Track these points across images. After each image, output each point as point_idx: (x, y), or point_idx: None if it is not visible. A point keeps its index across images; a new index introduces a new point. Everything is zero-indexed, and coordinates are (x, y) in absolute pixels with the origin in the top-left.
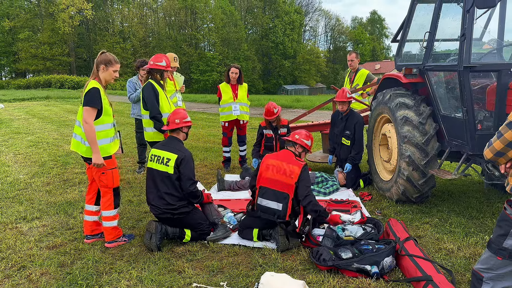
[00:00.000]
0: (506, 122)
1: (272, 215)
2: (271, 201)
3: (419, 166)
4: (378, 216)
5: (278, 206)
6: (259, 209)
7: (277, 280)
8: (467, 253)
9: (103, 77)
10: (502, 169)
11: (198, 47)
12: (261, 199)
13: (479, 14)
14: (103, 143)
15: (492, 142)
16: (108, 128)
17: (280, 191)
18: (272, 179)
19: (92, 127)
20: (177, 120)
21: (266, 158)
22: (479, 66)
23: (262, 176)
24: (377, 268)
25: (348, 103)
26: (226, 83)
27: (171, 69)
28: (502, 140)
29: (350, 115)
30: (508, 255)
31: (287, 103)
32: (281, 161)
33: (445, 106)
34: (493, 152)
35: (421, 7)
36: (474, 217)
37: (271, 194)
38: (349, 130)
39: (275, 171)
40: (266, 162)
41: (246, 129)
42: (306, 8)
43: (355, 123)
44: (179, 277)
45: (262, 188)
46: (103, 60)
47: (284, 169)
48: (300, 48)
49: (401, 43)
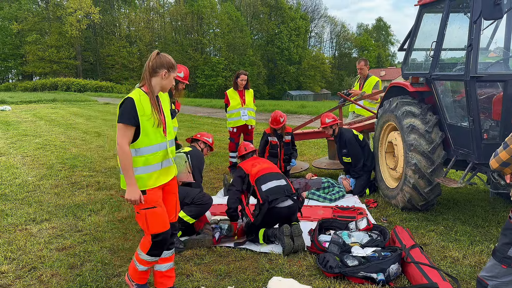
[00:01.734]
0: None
1: (282, 192)
2: (274, 180)
3: (425, 174)
4: (384, 223)
5: (281, 182)
6: (267, 194)
7: (285, 285)
8: (472, 261)
9: (163, 84)
10: (508, 179)
11: (204, 52)
12: (265, 184)
13: (486, 25)
14: (140, 173)
15: (498, 153)
16: (147, 152)
17: (276, 172)
18: (264, 168)
19: (125, 149)
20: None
21: (243, 164)
22: (486, 76)
23: (254, 172)
24: (383, 275)
25: (330, 128)
26: (234, 89)
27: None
28: (508, 151)
29: (341, 134)
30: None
31: (292, 109)
32: (257, 159)
33: (452, 115)
34: (499, 163)
35: (428, 17)
36: (479, 225)
37: (271, 176)
38: (344, 149)
39: (261, 162)
40: (248, 164)
41: (253, 134)
42: (312, 14)
43: (345, 140)
44: (187, 281)
45: (260, 178)
46: (166, 63)
47: (264, 160)
48: (305, 54)
49: (408, 51)
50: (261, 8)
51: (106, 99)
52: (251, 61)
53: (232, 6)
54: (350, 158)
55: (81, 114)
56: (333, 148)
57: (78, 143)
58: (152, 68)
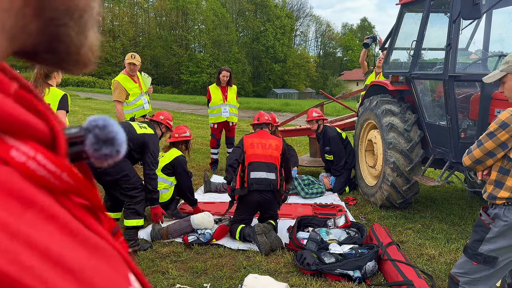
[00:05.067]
0: (487, 131)
1: (267, 185)
2: (264, 172)
3: (403, 172)
4: (363, 221)
5: (271, 175)
6: (253, 182)
7: (261, 282)
8: (448, 259)
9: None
10: (479, 176)
11: (189, 48)
12: (255, 172)
13: (465, 24)
14: None
15: (472, 150)
16: None
17: (271, 163)
18: (261, 154)
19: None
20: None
21: (246, 138)
22: (464, 76)
23: (250, 154)
24: (360, 272)
25: (315, 122)
26: (216, 85)
27: (132, 66)
28: (481, 149)
29: (325, 131)
30: (483, 260)
31: (276, 107)
32: (262, 138)
33: (430, 114)
34: (472, 160)
35: (409, 16)
36: (456, 223)
37: (263, 166)
38: (328, 146)
39: (261, 147)
40: (249, 141)
41: (235, 131)
42: (297, 13)
43: (329, 138)
44: (162, 278)
45: (253, 164)
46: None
47: (269, 144)
48: (291, 53)
49: (389, 51)
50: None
51: (87, 94)
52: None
53: (217, 3)
54: (332, 156)
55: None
56: (315, 145)
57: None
58: None
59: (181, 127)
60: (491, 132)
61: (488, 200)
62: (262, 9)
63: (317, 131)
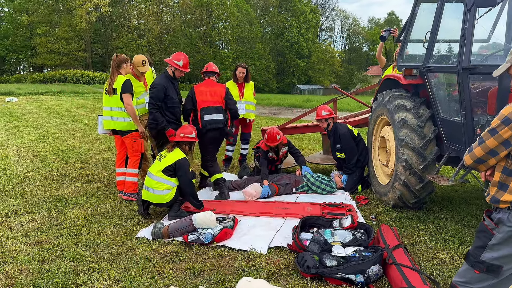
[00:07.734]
0: (489, 128)
1: (219, 124)
2: (214, 114)
3: (416, 170)
4: (373, 221)
5: (220, 116)
6: (207, 123)
7: (254, 286)
8: (460, 263)
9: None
10: (482, 176)
11: (213, 45)
12: (207, 115)
13: (480, 14)
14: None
15: (473, 148)
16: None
17: (219, 105)
18: (210, 100)
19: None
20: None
21: (196, 87)
22: (479, 68)
23: (201, 100)
24: (363, 277)
25: (325, 121)
26: (233, 82)
27: (141, 72)
28: (483, 147)
29: (335, 128)
30: (485, 269)
31: (297, 103)
32: (209, 86)
33: (445, 109)
34: (473, 159)
35: (424, 6)
36: (472, 225)
37: (213, 109)
38: (338, 144)
39: (208, 94)
40: (198, 90)
41: (251, 127)
42: (322, 7)
43: (339, 135)
44: (158, 279)
45: (204, 109)
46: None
47: (215, 90)
48: (315, 48)
49: (404, 43)
50: (271, 1)
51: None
52: (260, 54)
53: None
54: (343, 153)
55: (86, 106)
56: (327, 142)
57: (77, 134)
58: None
59: (187, 127)
60: (493, 128)
61: (491, 204)
62: (287, 4)
63: (327, 129)
